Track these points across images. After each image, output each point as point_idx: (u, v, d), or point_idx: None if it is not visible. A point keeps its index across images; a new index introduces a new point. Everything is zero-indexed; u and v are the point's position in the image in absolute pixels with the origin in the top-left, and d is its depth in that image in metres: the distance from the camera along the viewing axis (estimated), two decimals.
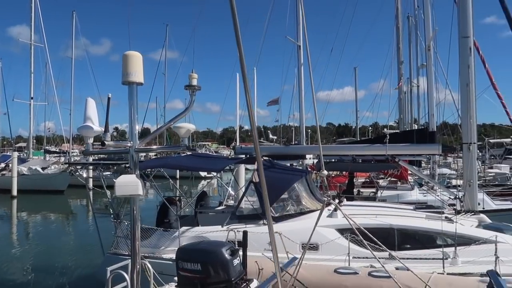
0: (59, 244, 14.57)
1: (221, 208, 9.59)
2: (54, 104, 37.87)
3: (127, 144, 2.76)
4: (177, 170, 25.71)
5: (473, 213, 8.14)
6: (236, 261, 4.18)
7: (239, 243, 5.31)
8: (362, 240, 5.47)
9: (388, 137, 8.85)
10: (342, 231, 6.77)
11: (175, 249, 4.84)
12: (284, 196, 7.93)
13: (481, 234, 6.67)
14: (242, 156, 10.33)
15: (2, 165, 32.70)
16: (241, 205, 8.04)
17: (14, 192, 27.05)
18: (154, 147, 3.48)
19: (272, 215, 7.44)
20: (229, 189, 11.02)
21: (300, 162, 14.79)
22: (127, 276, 3.48)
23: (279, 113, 36.04)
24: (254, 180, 7.62)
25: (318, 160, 9.37)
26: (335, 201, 8.69)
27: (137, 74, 2.68)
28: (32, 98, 36.09)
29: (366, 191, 15.05)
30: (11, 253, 13.05)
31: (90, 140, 3.00)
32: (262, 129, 47.81)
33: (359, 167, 13.67)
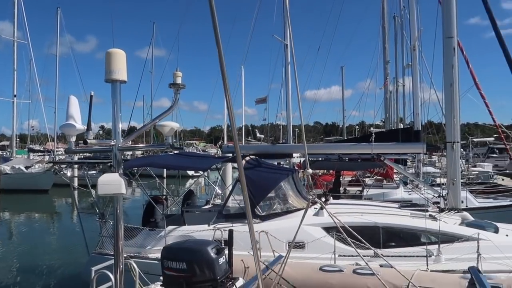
0: (43, 244, 14.35)
1: (208, 207, 9.56)
2: (38, 102, 37.36)
3: (111, 143, 2.73)
4: (164, 169, 25.56)
5: (456, 211, 8.27)
6: (222, 260, 4.17)
7: (226, 242, 5.31)
8: (347, 238, 5.51)
9: (373, 136, 8.94)
10: (328, 229, 6.82)
11: (161, 248, 4.82)
12: (271, 194, 7.94)
13: (463, 232, 6.79)
14: (229, 154, 10.32)
15: None
16: (228, 204, 8.03)
17: None
18: (138, 146, 3.45)
19: (259, 213, 7.46)
20: (216, 188, 11.01)
21: (287, 161, 14.84)
22: (112, 276, 3.45)
23: (267, 112, 36.08)
24: None
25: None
26: (321, 199, 8.76)
27: (121, 72, 2.65)
28: (15, 96, 35.50)
29: (353, 190, 15.17)
30: None
31: (73, 139, 2.96)
32: (249, 128, 47.75)
33: (346, 166, 13.78)
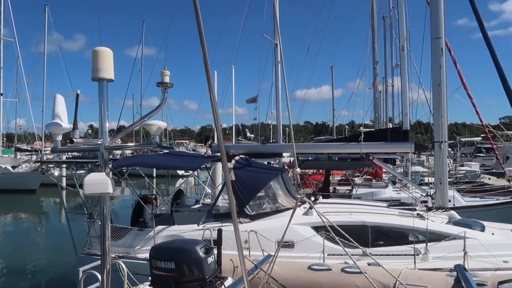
0: (30, 244, 14.18)
1: (197, 206, 9.54)
2: (25, 100, 36.80)
3: (97, 142, 2.71)
4: (153, 168, 25.43)
5: (444, 210, 8.37)
6: (211, 259, 4.17)
7: (215, 242, 5.30)
8: (336, 237, 5.54)
9: (363, 136, 9.00)
10: (317, 228, 6.84)
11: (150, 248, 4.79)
12: (261, 194, 7.95)
13: (451, 230, 6.87)
14: (219, 154, 10.29)
15: None
16: (218, 204, 8.02)
17: None
18: (124, 145, 3.43)
19: (248, 213, 7.46)
20: (206, 187, 10.98)
21: (277, 160, 14.87)
22: (100, 276, 3.42)
23: (257, 111, 36.07)
24: (230, 178, 7.61)
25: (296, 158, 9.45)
26: (311, 199, 8.80)
27: (108, 70, 2.63)
28: (1, 94, 34.97)
29: (342, 189, 15.27)
30: None
31: (59, 138, 2.94)
32: (240, 127, 47.73)
33: (335, 165, 13.88)
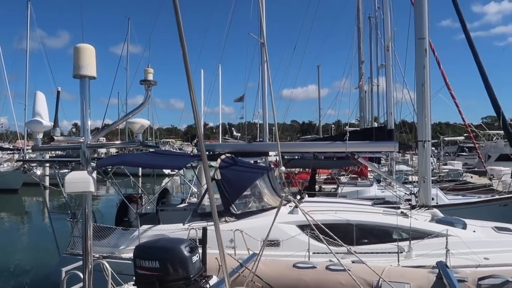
0: (12, 245, 13.92)
1: (183, 205, 9.50)
2: (7, 98, 36.07)
3: (79, 140, 2.67)
4: (138, 167, 25.22)
5: (427, 208, 8.50)
6: (195, 258, 4.15)
7: (200, 241, 5.28)
8: (321, 235, 5.58)
9: (348, 135, 9.07)
10: (302, 227, 6.88)
11: None
12: (247, 193, 7.95)
13: (433, 228, 6.98)
14: (205, 153, 10.24)
15: None
16: (203, 203, 7.99)
17: None
18: (106, 143, 3.40)
19: (234, 212, 7.45)
20: (192, 186, 10.94)
21: (264, 159, 14.90)
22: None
23: (244, 110, 36.05)
24: (216, 177, 7.60)
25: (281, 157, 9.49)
26: (296, 197, 8.84)
27: (90, 67, 2.60)
28: None
29: (328, 188, 15.38)
30: None
31: (40, 136, 2.90)
32: (227, 126, 47.65)
33: (321, 164, 13.96)
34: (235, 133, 45.72)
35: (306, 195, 9.54)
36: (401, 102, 15.17)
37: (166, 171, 25.02)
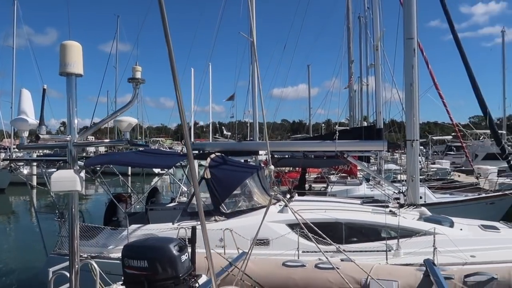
0: None
1: (172, 204, 9.45)
2: None
3: (66, 138, 2.64)
4: (127, 166, 25.02)
5: (415, 207, 8.58)
6: (184, 257, 4.13)
7: (190, 240, 5.26)
8: (311, 234, 5.60)
9: (337, 134, 9.11)
10: (292, 226, 6.89)
11: None
12: (236, 192, 7.94)
13: (421, 227, 7.05)
14: (195, 152, 10.22)
15: None
16: (193, 202, 7.95)
17: None
18: (93, 141, 3.37)
19: (224, 211, 7.44)
20: (182, 185, 10.89)
21: (254, 158, 14.90)
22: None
23: (234, 109, 35.97)
24: (206, 176, 7.57)
25: (271, 156, 9.50)
26: (286, 196, 8.86)
27: (76, 65, 2.57)
28: None
29: (318, 186, 15.44)
30: None
31: (25, 134, 2.85)
32: (217, 125, 47.49)
33: (311, 163, 14.00)
34: (225, 132, 45.62)
35: (296, 194, 9.56)
36: (390, 101, 15.31)
37: (156, 170, 24.90)
